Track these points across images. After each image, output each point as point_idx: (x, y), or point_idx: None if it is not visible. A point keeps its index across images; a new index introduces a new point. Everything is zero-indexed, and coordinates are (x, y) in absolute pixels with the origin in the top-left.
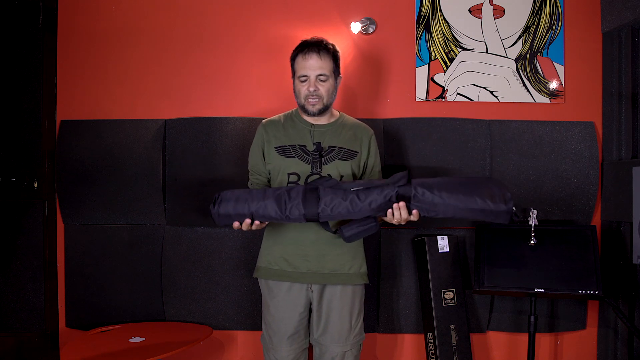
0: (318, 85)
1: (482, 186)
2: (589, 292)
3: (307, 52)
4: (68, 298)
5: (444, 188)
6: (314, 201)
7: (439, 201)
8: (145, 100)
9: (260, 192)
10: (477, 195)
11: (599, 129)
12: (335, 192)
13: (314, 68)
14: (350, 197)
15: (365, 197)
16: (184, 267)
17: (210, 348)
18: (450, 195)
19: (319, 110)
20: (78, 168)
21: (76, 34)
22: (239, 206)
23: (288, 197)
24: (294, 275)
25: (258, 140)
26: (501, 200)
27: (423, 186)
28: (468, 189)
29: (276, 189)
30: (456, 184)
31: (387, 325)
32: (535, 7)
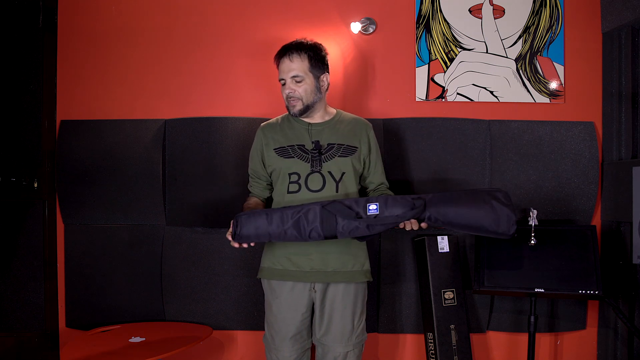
0: (294, 87)
1: (494, 212)
2: (589, 292)
3: (280, 57)
4: (68, 298)
5: (458, 216)
6: (332, 222)
7: (449, 225)
8: (145, 100)
9: (277, 216)
10: (487, 224)
11: (599, 129)
12: (351, 216)
13: (287, 71)
14: (366, 222)
15: (382, 220)
16: (184, 267)
17: (210, 348)
18: (461, 221)
19: (299, 111)
20: (78, 168)
21: (76, 34)
22: (260, 233)
23: (306, 220)
24: (298, 275)
25: (257, 145)
26: (506, 227)
27: (438, 214)
28: (479, 216)
29: (293, 211)
30: (470, 209)
31: (387, 325)
32: (535, 7)
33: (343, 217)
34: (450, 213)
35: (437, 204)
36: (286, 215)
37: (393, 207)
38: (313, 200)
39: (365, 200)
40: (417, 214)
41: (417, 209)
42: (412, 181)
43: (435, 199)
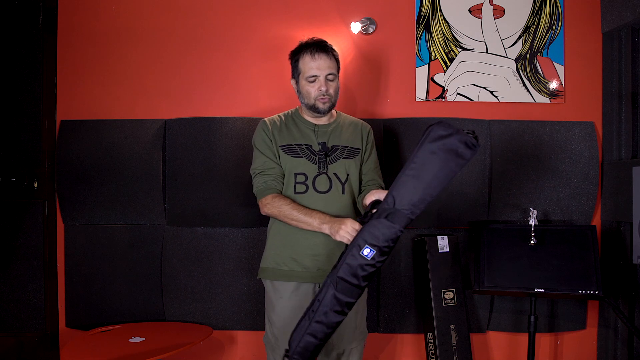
0: (328, 84)
1: (448, 152)
2: (589, 292)
3: (316, 52)
4: (68, 298)
5: (430, 189)
6: (350, 289)
7: (429, 201)
8: (145, 100)
9: (313, 328)
10: (454, 166)
11: (599, 129)
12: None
13: (324, 68)
14: (375, 261)
15: (383, 249)
16: (184, 267)
17: (210, 348)
18: (436, 188)
19: (329, 108)
20: (78, 168)
21: (76, 34)
22: (310, 347)
23: (336, 306)
24: (303, 275)
25: (265, 136)
26: (467, 151)
27: (415, 206)
28: (442, 169)
29: (319, 315)
30: (432, 172)
31: (387, 325)
32: (535, 7)
33: (355, 279)
34: (422, 193)
35: (408, 200)
36: (320, 320)
37: (382, 235)
38: (320, 200)
39: (357, 251)
40: (405, 224)
41: (397, 222)
42: None
43: (402, 198)
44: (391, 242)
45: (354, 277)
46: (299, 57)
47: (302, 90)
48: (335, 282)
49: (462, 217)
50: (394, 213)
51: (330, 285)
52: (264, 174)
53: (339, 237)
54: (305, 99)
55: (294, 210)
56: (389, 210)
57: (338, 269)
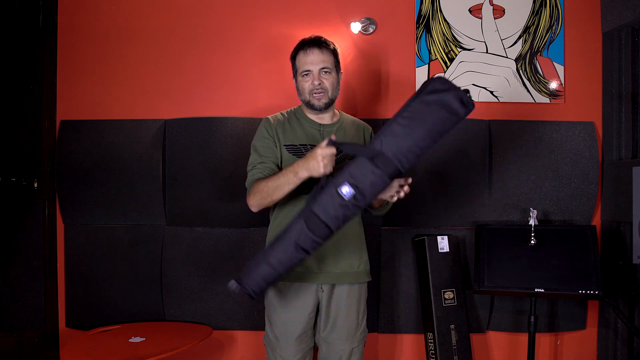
0: (322, 78)
1: (444, 107)
2: (589, 292)
3: (307, 48)
4: (68, 298)
5: (422, 141)
6: (322, 228)
7: (420, 155)
8: (145, 100)
9: (275, 258)
10: (448, 123)
11: (599, 129)
12: (329, 203)
13: (316, 62)
14: (353, 203)
15: (365, 193)
16: (184, 267)
17: (210, 348)
18: (428, 141)
19: (324, 104)
20: (78, 168)
21: (76, 34)
22: (270, 280)
23: (304, 242)
24: (307, 276)
25: (266, 133)
26: (461, 108)
27: (406, 158)
28: (437, 124)
29: (286, 243)
30: (426, 125)
31: (387, 325)
32: (535, 7)
33: (329, 218)
34: (411, 144)
35: (396, 147)
36: (281, 250)
37: (363, 176)
38: None
39: (334, 188)
40: (390, 173)
41: (382, 166)
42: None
43: (389, 143)
44: (372, 188)
45: (326, 214)
46: (295, 55)
47: (299, 87)
48: (307, 215)
49: (462, 217)
50: (379, 156)
51: (301, 218)
52: (254, 168)
53: (322, 171)
54: (301, 95)
55: (269, 180)
56: (375, 152)
57: (312, 203)
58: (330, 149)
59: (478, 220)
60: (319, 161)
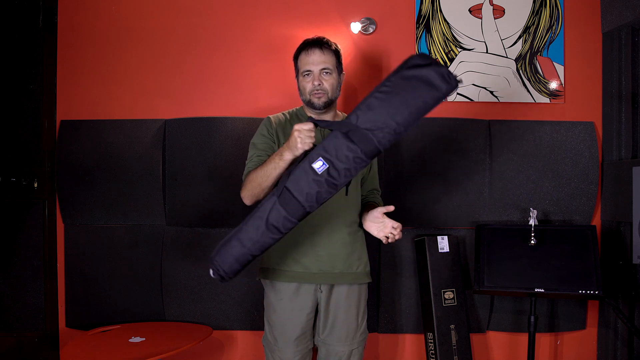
0: (322, 79)
1: (425, 84)
2: (589, 292)
3: (309, 49)
4: (68, 298)
5: (401, 117)
6: (294, 205)
7: (401, 132)
8: (145, 100)
9: (246, 235)
10: (428, 98)
11: (599, 129)
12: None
13: (317, 63)
14: (325, 180)
15: (340, 171)
16: (184, 267)
17: (210, 348)
18: (408, 118)
19: (324, 104)
20: (78, 168)
21: (76, 34)
22: (243, 260)
23: (275, 220)
24: (305, 276)
25: (266, 131)
26: (444, 85)
27: (384, 134)
28: (418, 99)
29: (257, 220)
30: (405, 101)
31: (387, 325)
32: (535, 7)
33: (301, 194)
34: (388, 117)
35: (372, 121)
36: (253, 227)
37: (337, 151)
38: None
39: (308, 163)
40: (367, 150)
41: (357, 141)
42: (412, 181)
43: (364, 117)
44: (345, 164)
45: (299, 191)
46: (297, 55)
47: (300, 87)
48: (280, 191)
49: (462, 217)
50: (353, 130)
51: (274, 195)
52: (251, 161)
53: (300, 146)
54: (302, 94)
55: (259, 169)
56: (350, 126)
57: (285, 179)
58: (307, 124)
59: (478, 220)
60: (296, 137)
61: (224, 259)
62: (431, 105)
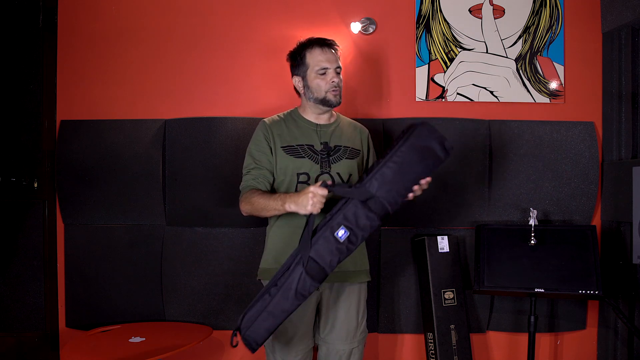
0: (338, 77)
1: (430, 153)
2: (589, 292)
3: (325, 47)
4: (68, 298)
5: (408, 185)
6: (319, 271)
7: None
8: (145, 100)
9: (278, 309)
10: (432, 165)
11: (599, 129)
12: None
13: (333, 61)
14: (345, 245)
15: (357, 235)
16: (184, 267)
17: (210, 348)
18: (413, 184)
19: (339, 101)
20: (78, 168)
21: (76, 34)
22: (273, 329)
23: (303, 288)
24: None
25: (263, 137)
26: (442, 152)
27: (395, 201)
28: (422, 169)
29: (283, 292)
30: (412, 171)
31: (387, 325)
32: (535, 7)
33: (325, 262)
34: (401, 186)
35: (387, 191)
36: (283, 298)
37: (357, 219)
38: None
39: (330, 232)
40: (382, 215)
41: (375, 210)
42: None
43: (381, 187)
44: (362, 231)
45: (323, 260)
46: (306, 52)
47: (311, 85)
48: (306, 262)
49: (462, 217)
50: (372, 199)
51: (299, 264)
52: (248, 174)
53: (310, 208)
54: (315, 92)
55: (261, 197)
56: (368, 195)
57: (309, 247)
58: (323, 191)
59: (478, 220)
60: (310, 198)
61: (256, 332)
62: (432, 171)
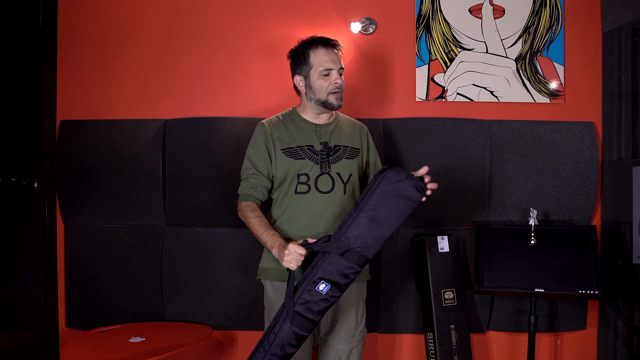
0: (341, 79)
1: (403, 199)
2: (589, 292)
3: (329, 47)
4: (68, 298)
5: (381, 233)
6: (306, 323)
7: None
8: (145, 100)
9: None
10: (407, 210)
11: (599, 129)
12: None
13: (337, 62)
14: (328, 296)
15: (338, 286)
16: (184, 267)
17: (210, 348)
18: (392, 230)
19: (340, 104)
20: (78, 168)
21: (76, 34)
22: None
23: (289, 345)
24: None
25: (261, 140)
26: (417, 195)
27: (372, 248)
28: (398, 215)
29: (273, 353)
30: (387, 220)
31: (387, 325)
32: (535, 7)
33: (312, 314)
34: (377, 234)
35: (363, 240)
36: (279, 348)
37: (337, 272)
38: (321, 200)
39: (313, 287)
40: (361, 263)
41: (353, 260)
42: None
43: (357, 239)
44: (346, 279)
45: (310, 312)
46: (309, 51)
47: (314, 85)
48: (291, 316)
49: (462, 217)
50: (350, 252)
51: (286, 319)
52: (246, 180)
53: (285, 263)
54: (318, 93)
55: (256, 225)
56: (345, 248)
57: (295, 302)
58: (301, 249)
59: (478, 220)
60: (292, 260)
61: None
62: (408, 213)
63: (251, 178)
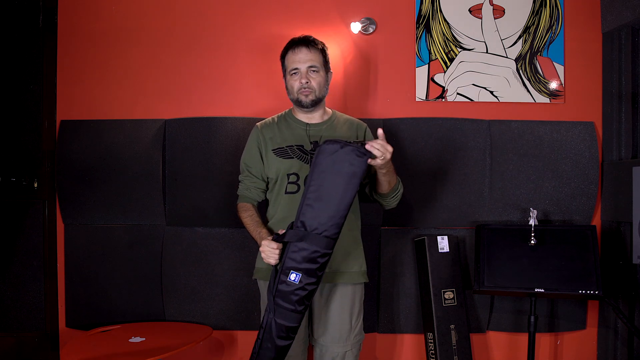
0: (310, 77)
1: (346, 169)
2: (589, 292)
3: (296, 47)
4: (68, 298)
5: (333, 210)
6: (286, 313)
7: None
8: (145, 100)
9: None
10: (355, 183)
11: (599, 129)
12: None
13: (304, 61)
14: (298, 285)
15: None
16: (184, 267)
17: (210, 348)
18: (345, 204)
19: (312, 102)
20: (78, 168)
21: (76, 34)
22: None
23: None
24: None
25: (255, 143)
26: (358, 162)
27: (329, 227)
28: (343, 189)
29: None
30: (334, 194)
31: (387, 325)
32: (535, 7)
33: (292, 304)
34: (329, 212)
35: (317, 222)
36: (271, 342)
37: (302, 258)
38: None
39: (285, 277)
40: (324, 244)
41: (314, 243)
42: (412, 181)
43: (310, 223)
44: (315, 264)
45: (289, 302)
46: (285, 54)
47: (287, 86)
48: (272, 308)
49: (462, 217)
50: (307, 235)
51: (269, 312)
52: (242, 181)
53: (265, 260)
54: (290, 93)
55: (247, 224)
56: (302, 233)
57: (273, 295)
58: (271, 243)
59: (478, 220)
60: (266, 256)
61: None
62: (357, 182)
63: (245, 180)
